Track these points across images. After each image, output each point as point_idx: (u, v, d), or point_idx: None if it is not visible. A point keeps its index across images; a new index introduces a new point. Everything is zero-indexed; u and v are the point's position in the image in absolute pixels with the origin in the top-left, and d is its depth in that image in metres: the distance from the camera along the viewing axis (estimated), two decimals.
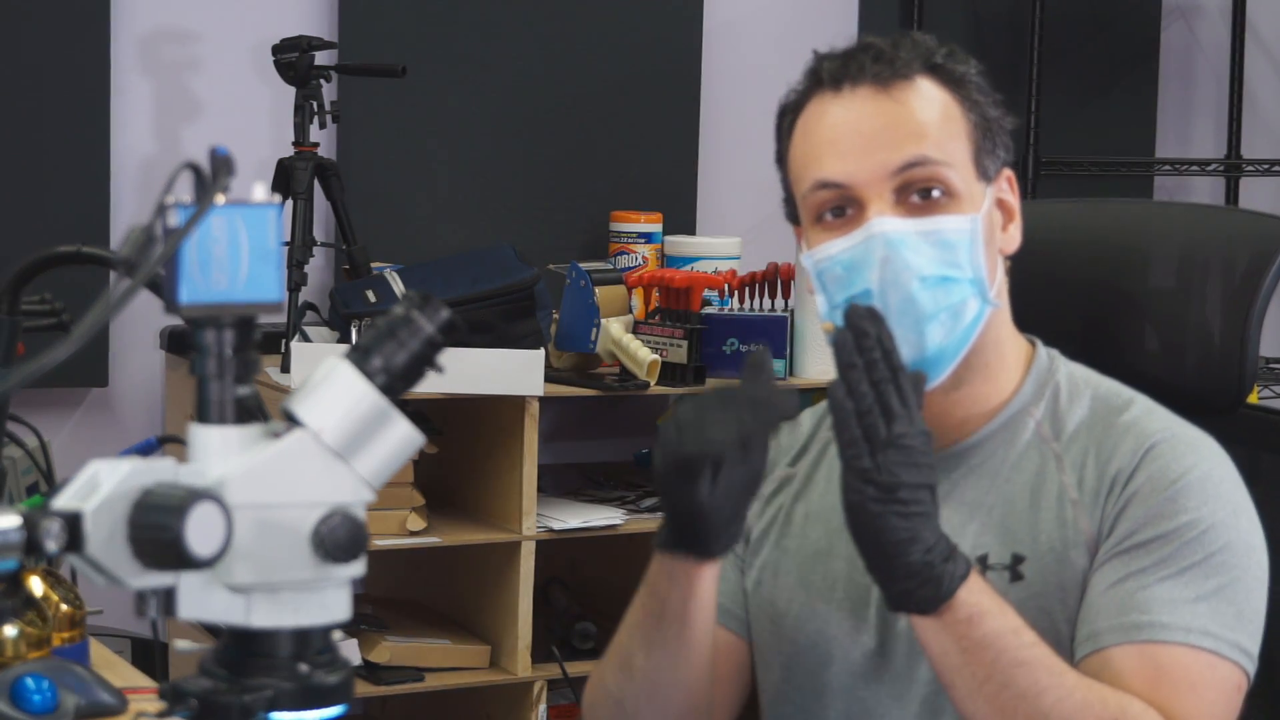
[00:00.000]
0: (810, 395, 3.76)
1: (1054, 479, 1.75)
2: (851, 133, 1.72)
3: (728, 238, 3.99)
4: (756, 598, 1.89)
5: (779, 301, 3.70)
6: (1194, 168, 4.66)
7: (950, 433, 1.79)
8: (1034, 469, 1.76)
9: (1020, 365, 1.81)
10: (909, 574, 1.59)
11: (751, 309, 3.71)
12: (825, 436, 1.89)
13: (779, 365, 3.63)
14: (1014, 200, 1.79)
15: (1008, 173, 1.78)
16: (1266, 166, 4.60)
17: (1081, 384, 1.80)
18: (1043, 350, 1.83)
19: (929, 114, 1.72)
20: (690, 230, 4.18)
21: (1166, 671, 1.66)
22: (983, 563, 1.74)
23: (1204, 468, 1.71)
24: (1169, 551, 1.69)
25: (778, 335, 3.64)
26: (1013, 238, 1.78)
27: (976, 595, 1.61)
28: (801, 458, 1.91)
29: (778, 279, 3.70)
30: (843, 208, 1.72)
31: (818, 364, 3.66)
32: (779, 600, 1.86)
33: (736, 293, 3.72)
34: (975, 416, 1.79)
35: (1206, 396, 1.88)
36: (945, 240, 1.70)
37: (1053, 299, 1.98)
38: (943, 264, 1.69)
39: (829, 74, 1.75)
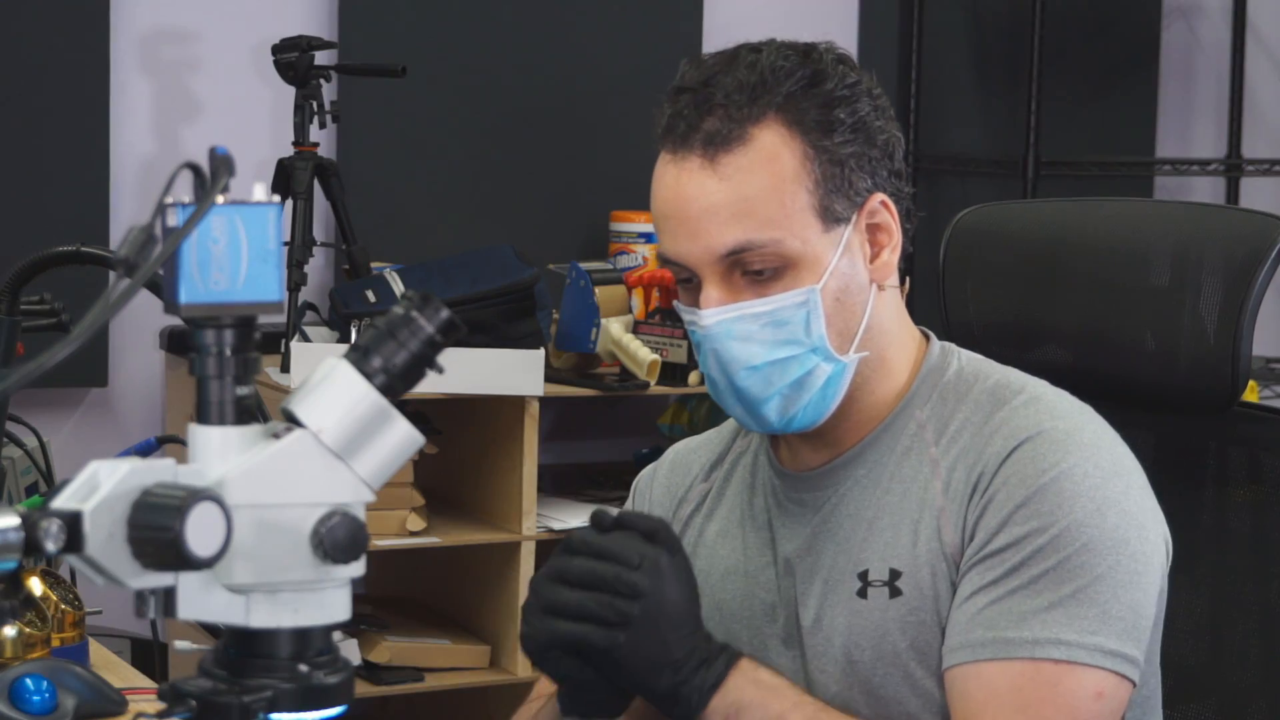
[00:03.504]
0: None
1: (929, 487, 1.69)
2: (680, 213, 1.68)
3: None
4: None
5: None
6: (1194, 168, 4.66)
7: (838, 444, 1.75)
8: (911, 476, 1.71)
9: (910, 365, 1.76)
10: (661, 698, 1.64)
11: None
12: (740, 446, 1.86)
13: None
14: (891, 221, 1.72)
15: (879, 197, 1.70)
16: (1266, 166, 4.60)
17: (972, 378, 1.74)
18: (936, 346, 1.77)
19: (755, 185, 1.65)
20: None
21: (1001, 694, 1.61)
22: (863, 579, 1.70)
23: (1065, 465, 1.64)
24: (1020, 559, 1.62)
25: None
26: (885, 265, 1.72)
27: (735, 694, 1.63)
28: (716, 469, 1.87)
29: None
30: (688, 278, 1.70)
31: None
32: None
33: None
34: (863, 424, 1.74)
35: (1201, 395, 1.88)
36: (778, 320, 1.67)
37: (1051, 298, 1.98)
38: (775, 345, 1.67)
39: (665, 129, 1.70)
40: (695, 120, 1.67)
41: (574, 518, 3.53)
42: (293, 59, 3.59)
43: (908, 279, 1.78)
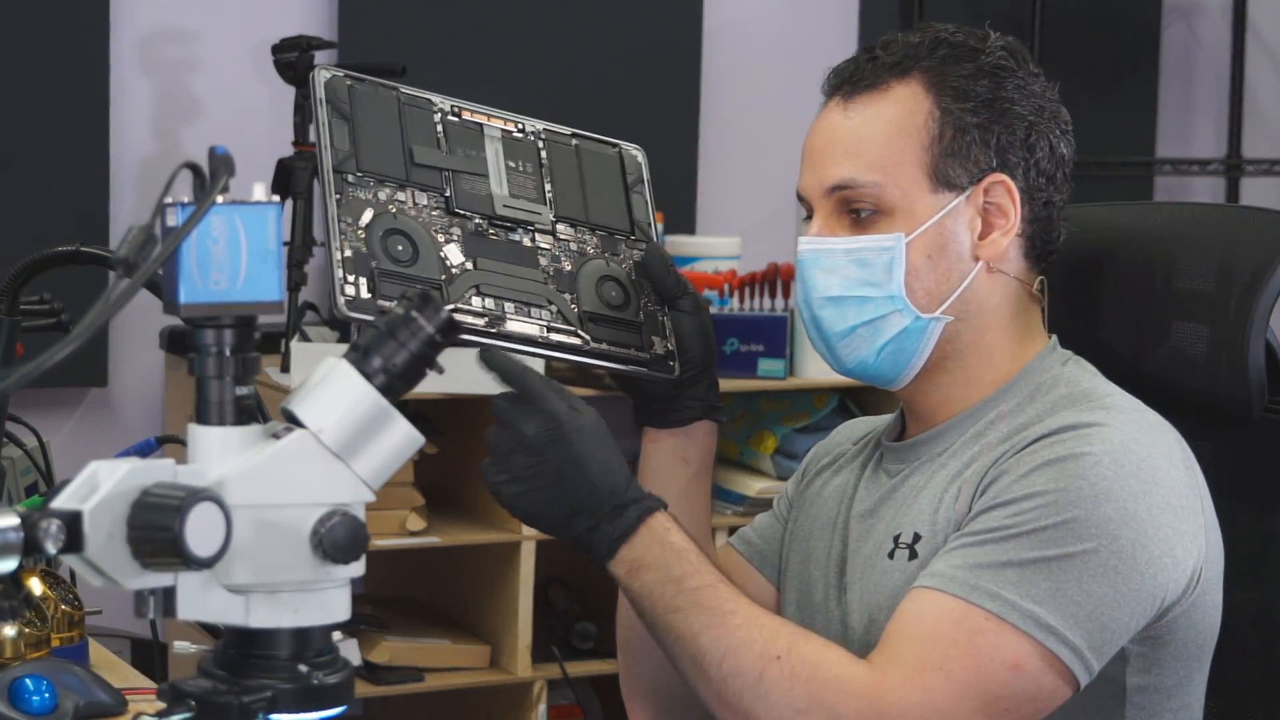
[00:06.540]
0: (811, 396, 3.77)
1: (972, 465, 1.72)
2: (809, 147, 1.80)
3: (728, 237, 3.98)
4: (784, 552, 1.92)
5: (779, 301, 3.70)
6: (1194, 168, 4.66)
7: (929, 420, 1.80)
8: (962, 454, 1.74)
9: (1018, 361, 1.78)
10: (577, 543, 1.72)
11: (751, 309, 3.70)
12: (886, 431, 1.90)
13: (779, 365, 3.63)
14: (1010, 206, 1.76)
15: (1000, 178, 1.75)
16: (1266, 166, 4.60)
17: (1065, 382, 1.76)
18: (1049, 349, 1.79)
19: (873, 129, 1.75)
20: (690, 230, 4.18)
21: (918, 620, 1.63)
22: (895, 542, 1.74)
23: (1084, 450, 1.64)
24: (999, 518, 1.64)
25: (777, 335, 3.64)
26: (992, 245, 1.75)
27: (639, 550, 1.69)
28: (865, 437, 1.92)
29: (778, 279, 3.69)
30: (809, 215, 1.81)
31: (818, 363, 3.65)
32: (791, 558, 1.90)
33: (736, 293, 3.71)
34: (953, 404, 1.78)
35: (1217, 403, 1.85)
36: (862, 260, 1.74)
37: (1052, 301, 1.97)
38: (855, 283, 1.75)
39: (828, 77, 1.83)
40: (845, 70, 1.80)
41: None
42: (293, 59, 3.59)
43: (1043, 281, 1.81)
